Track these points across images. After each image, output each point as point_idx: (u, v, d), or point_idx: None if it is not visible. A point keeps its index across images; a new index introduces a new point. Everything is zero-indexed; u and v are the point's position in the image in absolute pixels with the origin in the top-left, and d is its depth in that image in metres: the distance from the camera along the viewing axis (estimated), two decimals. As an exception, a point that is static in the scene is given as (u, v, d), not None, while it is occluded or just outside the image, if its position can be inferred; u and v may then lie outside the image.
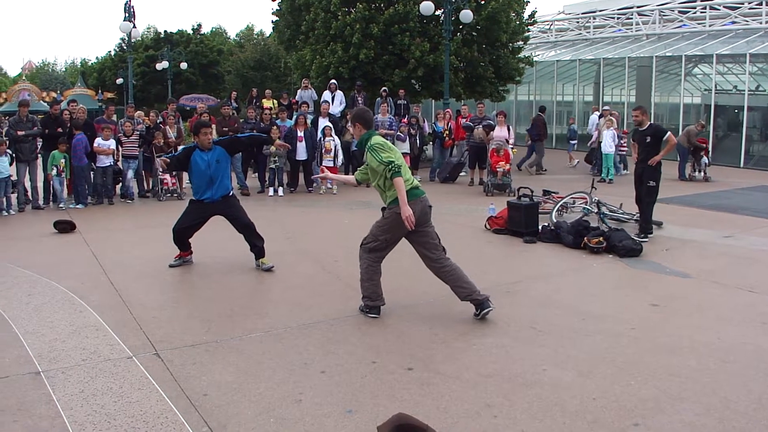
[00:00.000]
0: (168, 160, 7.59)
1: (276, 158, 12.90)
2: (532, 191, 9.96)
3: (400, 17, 18.26)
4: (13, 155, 11.27)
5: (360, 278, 5.77)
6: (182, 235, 7.41)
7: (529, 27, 22.31)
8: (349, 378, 4.42)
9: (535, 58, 24.09)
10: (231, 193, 7.46)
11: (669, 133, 9.22)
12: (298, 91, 17.78)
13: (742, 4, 23.45)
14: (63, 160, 11.59)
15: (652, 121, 9.72)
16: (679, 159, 15.98)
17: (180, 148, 7.52)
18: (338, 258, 7.85)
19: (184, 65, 38.53)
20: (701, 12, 24.57)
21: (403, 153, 14.41)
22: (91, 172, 12.01)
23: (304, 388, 4.25)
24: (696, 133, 15.48)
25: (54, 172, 11.57)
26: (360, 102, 16.32)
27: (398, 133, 14.86)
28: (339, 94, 16.68)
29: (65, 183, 11.99)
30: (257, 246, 7.37)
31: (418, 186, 5.64)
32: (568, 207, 10.57)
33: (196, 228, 7.46)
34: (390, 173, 5.35)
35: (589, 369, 4.57)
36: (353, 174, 6.21)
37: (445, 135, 15.61)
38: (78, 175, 11.78)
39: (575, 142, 20.24)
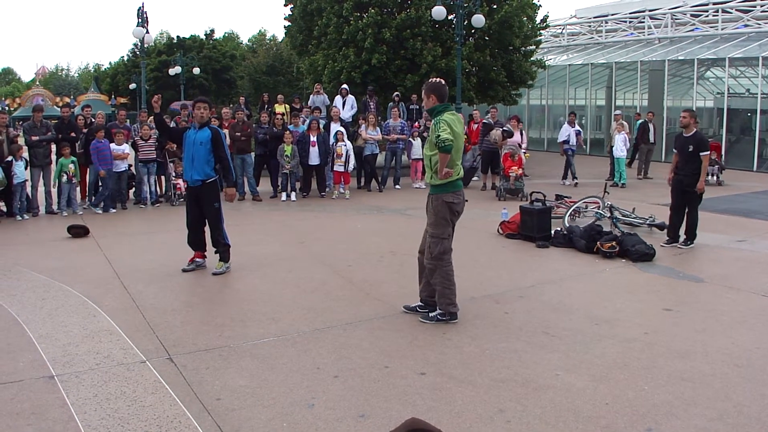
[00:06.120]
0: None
1: (289, 163, 12.96)
2: (544, 196, 9.95)
3: (412, 22, 18.32)
4: (28, 160, 11.35)
5: (438, 290, 5.66)
6: (192, 231, 7.47)
7: (541, 31, 22.31)
8: (361, 382, 4.43)
9: (547, 62, 24.06)
10: (210, 180, 7.37)
11: (707, 153, 8.63)
12: (311, 96, 17.83)
13: (755, 7, 23.32)
14: (72, 166, 11.49)
15: (674, 126, 9.31)
16: None
17: None
18: (351, 263, 7.86)
19: (196, 70, 38.84)
20: (713, 15, 24.46)
21: (416, 159, 14.66)
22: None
23: (317, 392, 4.27)
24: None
25: (64, 179, 11.41)
26: (372, 107, 16.34)
27: (410, 139, 14.87)
28: (350, 98, 16.68)
29: (78, 188, 12.04)
30: (217, 249, 7.39)
31: (461, 180, 5.74)
32: (580, 211, 10.54)
33: (200, 220, 7.47)
34: (440, 144, 5.29)
35: (602, 374, 4.55)
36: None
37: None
38: (102, 179, 11.80)
39: None
